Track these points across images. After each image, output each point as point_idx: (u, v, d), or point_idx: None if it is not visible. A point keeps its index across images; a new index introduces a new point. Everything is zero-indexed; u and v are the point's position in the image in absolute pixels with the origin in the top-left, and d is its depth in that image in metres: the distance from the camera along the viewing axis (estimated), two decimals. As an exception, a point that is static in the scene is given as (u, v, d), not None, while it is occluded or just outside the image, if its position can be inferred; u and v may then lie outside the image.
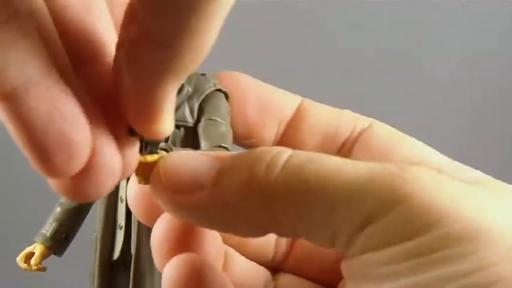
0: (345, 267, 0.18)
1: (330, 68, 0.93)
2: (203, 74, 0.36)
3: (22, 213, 0.98)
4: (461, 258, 0.15)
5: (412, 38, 0.94)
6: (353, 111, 0.30)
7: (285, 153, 0.17)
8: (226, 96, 0.33)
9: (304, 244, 0.25)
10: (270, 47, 0.94)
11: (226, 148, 0.30)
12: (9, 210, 1.03)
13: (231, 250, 0.24)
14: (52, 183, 0.17)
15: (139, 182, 0.22)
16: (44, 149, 0.15)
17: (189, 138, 0.33)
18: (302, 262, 0.24)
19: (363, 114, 0.29)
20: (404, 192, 0.16)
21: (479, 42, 0.95)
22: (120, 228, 0.42)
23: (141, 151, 0.20)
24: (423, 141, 0.27)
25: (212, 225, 0.19)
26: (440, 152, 0.27)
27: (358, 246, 0.16)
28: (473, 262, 0.15)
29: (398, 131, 0.26)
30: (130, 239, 0.41)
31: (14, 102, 0.15)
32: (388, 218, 0.16)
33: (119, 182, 0.18)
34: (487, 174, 0.23)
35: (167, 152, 0.22)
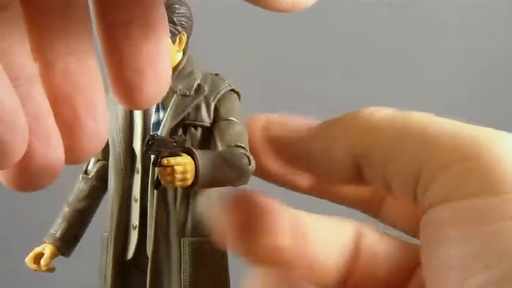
0: (422, 226, 0.19)
1: (330, 68, 0.94)
2: (217, 74, 0.36)
3: (30, 214, 0.99)
4: None
5: (412, 38, 0.94)
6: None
7: (382, 109, 0.19)
8: (239, 95, 0.34)
9: (363, 266, 0.25)
10: (271, 47, 0.95)
11: (243, 147, 0.30)
12: (13, 210, 1.03)
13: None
14: None
15: (164, 184, 0.22)
16: None
17: (206, 137, 0.34)
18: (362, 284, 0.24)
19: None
20: (489, 147, 0.17)
21: (479, 42, 0.96)
22: (134, 228, 0.42)
23: (155, 163, 0.21)
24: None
25: (311, 167, 0.20)
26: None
27: (435, 192, 0.17)
28: None
29: None
30: (144, 239, 0.41)
31: None
32: (467, 165, 0.17)
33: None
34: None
35: (188, 154, 0.22)
